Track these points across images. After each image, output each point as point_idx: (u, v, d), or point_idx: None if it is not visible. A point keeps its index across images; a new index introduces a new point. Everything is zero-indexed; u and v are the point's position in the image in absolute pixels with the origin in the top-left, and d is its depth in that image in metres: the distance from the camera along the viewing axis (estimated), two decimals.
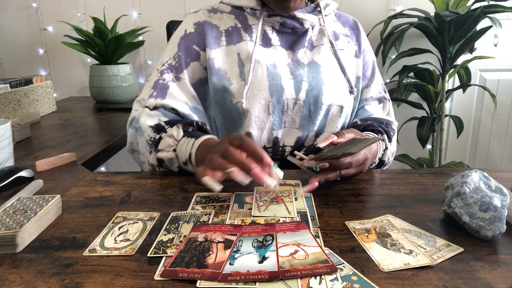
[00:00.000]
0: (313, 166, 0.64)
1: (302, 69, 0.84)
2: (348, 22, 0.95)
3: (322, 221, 0.55)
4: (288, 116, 0.84)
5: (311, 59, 0.86)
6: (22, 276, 0.44)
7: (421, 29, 1.65)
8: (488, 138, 1.95)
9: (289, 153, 0.86)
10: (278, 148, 0.86)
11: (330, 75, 0.85)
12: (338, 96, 0.85)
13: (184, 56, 0.85)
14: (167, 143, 0.75)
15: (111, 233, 0.52)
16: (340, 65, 0.87)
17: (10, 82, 1.26)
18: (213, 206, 0.60)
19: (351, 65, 0.90)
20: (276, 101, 0.82)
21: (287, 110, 0.83)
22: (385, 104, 0.96)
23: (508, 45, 1.81)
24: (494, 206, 0.49)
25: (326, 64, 0.86)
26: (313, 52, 0.87)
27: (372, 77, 0.93)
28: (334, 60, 0.87)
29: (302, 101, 0.83)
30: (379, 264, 0.44)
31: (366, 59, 0.93)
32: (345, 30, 0.93)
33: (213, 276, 0.42)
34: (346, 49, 0.91)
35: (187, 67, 0.85)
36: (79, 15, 1.88)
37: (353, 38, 0.93)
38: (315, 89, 0.83)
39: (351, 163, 0.65)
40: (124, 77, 1.65)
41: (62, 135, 1.11)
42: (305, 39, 0.87)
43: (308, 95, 0.83)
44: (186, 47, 0.86)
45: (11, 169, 0.71)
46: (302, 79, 0.83)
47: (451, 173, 0.73)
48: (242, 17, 0.88)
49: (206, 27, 0.86)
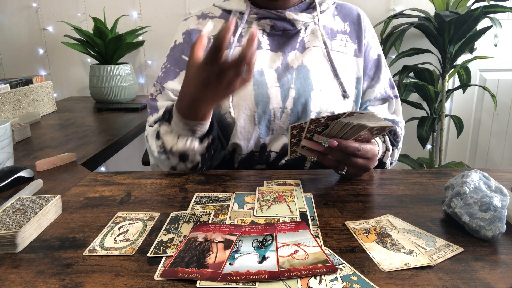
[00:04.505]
0: (322, 141, 0.63)
1: (290, 74, 0.81)
2: (349, 15, 0.89)
3: (322, 221, 0.55)
4: (275, 124, 0.81)
5: (301, 62, 0.82)
6: (22, 276, 0.44)
7: (421, 29, 1.65)
8: (488, 138, 1.95)
9: (274, 158, 0.84)
10: (265, 153, 0.84)
11: (321, 79, 0.81)
12: (329, 102, 0.81)
13: (173, 67, 0.85)
14: (168, 136, 0.74)
15: (111, 233, 0.52)
16: (333, 68, 0.83)
17: (10, 82, 1.26)
18: (213, 206, 0.60)
19: (349, 67, 0.85)
20: (262, 111, 0.80)
21: (274, 119, 0.81)
22: (391, 103, 0.90)
23: (508, 45, 1.81)
24: (494, 206, 0.49)
25: (317, 67, 0.82)
26: (304, 54, 0.83)
27: (376, 76, 0.87)
28: (328, 62, 0.83)
29: (290, 110, 0.80)
30: (379, 264, 0.44)
31: (370, 56, 0.87)
32: (345, 26, 0.88)
33: (213, 276, 0.42)
34: (343, 49, 0.86)
35: (175, 77, 0.84)
36: (79, 15, 1.88)
37: (352, 36, 0.87)
38: (303, 96, 0.80)
39: (358, 149, 0.64)
40: (124, 77, 1.65)
41: (62, 135, 1.11)
42: (296, 41, 0.84)
43: (296, 103, 0.80)
44: (175, 58, 0.86)
45: (11, 169, 0.71)
46: (289, 86, 0.80)
47: (451, 173, 0.73)
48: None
49: (193, 35, 0.86)
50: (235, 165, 0.87)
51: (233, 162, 0.87)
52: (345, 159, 0.65)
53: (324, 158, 0.66)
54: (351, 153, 0.64)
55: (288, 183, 0.68)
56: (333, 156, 0.65)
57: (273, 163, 0.84)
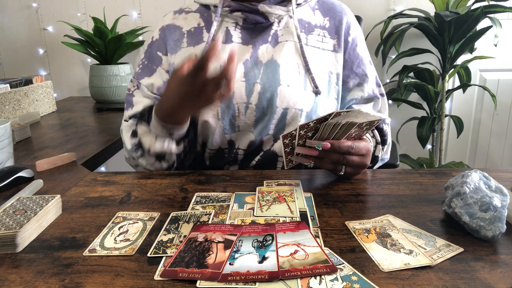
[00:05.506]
0: (315, 145, 0.64)
1: (257, 69, 0.79)
2: (331, 10, 0.86)
3: (322, 221, 0.55)
4: (240, 120, 0.80)
5: (270, 57, 0.80)
6: (22, 276, 0.44)
7: (421, 29, 1.65)
8: (488, 138, 1.95)
9: (242, 156, 0.83)
10: (233, 150, 0.83)
11: (290, 75, 0.79)
12: (297, 97, 0.78)
13: (150, 64, 0.86)
14: (146, 137, 0.77)
15: (111, 233, 0.52)
16: (305, 63, 0.80)
17: (10, 82, 1.26)
18: (213, 206, 0.60)
19: (325, 62, 0.82)
20: (225, 106, 0.79)
21: (239, 115, 0.80)
22: (376, 102, 0.88)
23: (508, 45, 1.81)
24: (494, 206, 0.49)
25: (287, 62, 0.80)
26: (276, 48, 0.81)
27: (365, 75, 0.85)
28: (300, 57, 0.81)
29: (255, 105, 0.79)
30: (379, 264, 0.44)
31: (357, 54, 0.84)
32: (324, 21, 0.85)
33: (213, 276, 0.42)
34: (320, 44, 0.83)
35: (152, 74, 0.85)
36: (79, 15, 1.88)
37: (331, 31, 0.84)
38: (269, 91, 0.78)
39: (352, 147, 0.65)
40: (124, 77, 1.65)
41: (62, 135, 1.11)
42: (269, 34, 0.82)
43: (261, 98, 0.78)
44: (150, 54, 0.87)
45: (11, 169, 0.71)
46: (255, 81, 0.79)
47: (451, 173, 0.73)
48: (207, 15, 0.86)
49: (168, 31, 0.87)
50: (207, 162, 0.87)
51: (204, 159, 0.87)
52: (340, 160, 0.66)
53: (320, 162, 0.67)
54: (345, 152, 0.65)
55: (288, 183, 0.68)
56: (329, 158, 0.66)
57: (244, 163, 0.84)
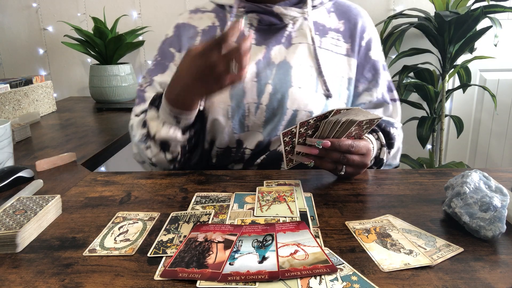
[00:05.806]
0: (315, 143, 0.64)
1: (270, 69, 0.80)
2: (346, 13, 0.86)
3: (322, 221, 0.55)
4: (250, 120, 0.80)
5: (283, 58, 0.80)
6: (22, 276, 0.44)
7: (421, 29, 1.65)
8: (488, 138, 1.95)
9: (249, 155, 0.83)
10: (241, 149, 0.83)
11: (302, 77, 0.79)
12: (308, 100, 0.78)
13: (162, 60, 0.86)
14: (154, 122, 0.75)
15: (111, 233, 0.52)
16: (317, 66, 0.80)
17: (10, 82, 1.26)
18: (213, 206, 0.60)
19: (337, 66, 0.82)
20: (235, 105, 0.79)
21: (249, 115, 0.80)
22: (386, 107, 0.87)
23: (508, 45, 1.81)
24: (494, 206, 0.49)
25: (300, 64, 0.80)
26: (289, 50, 0.81)
27: (374, 80, 0.85)
28: (313, 60, 0.81)
29: (265, 105, 0.79)
30: (379, 264, 0.44)
31: (369, 58, 0.84)
32: (339, 24, 0.85)
33: (213, 276, 0.42)
34: (334, 48, 0.83)
35: (164, 70, 0.85)
36: (79, 15, 1.87)
37: (345, 35, 0.84)
38: (280, 92, 0.78)
39: (352, 145, 0.64)
40: (124, 77, 1.65)
41: (62, 135, 1.11)
42: (282, 35, 0.82)
43: (272, 99, 0.78)
44: (164, 51, 0.87)
45: (11, 169, 0.71)
46: (267, 81, 0.79)
47: (451, 173, 0.73)
48: (222, 15, 0.87)
49: (183, 28, 0.87)
50: (213, 160, 0.87)
51: (211, 156, 0.87)
52: (341, 159, 0.65)
53: (321, 162, 0.67)
54: (345, 150, 0.65)
55: (288, 183, 0.68)
56: (329, 157, 0.65)
57: (249, 162, 0.84)
